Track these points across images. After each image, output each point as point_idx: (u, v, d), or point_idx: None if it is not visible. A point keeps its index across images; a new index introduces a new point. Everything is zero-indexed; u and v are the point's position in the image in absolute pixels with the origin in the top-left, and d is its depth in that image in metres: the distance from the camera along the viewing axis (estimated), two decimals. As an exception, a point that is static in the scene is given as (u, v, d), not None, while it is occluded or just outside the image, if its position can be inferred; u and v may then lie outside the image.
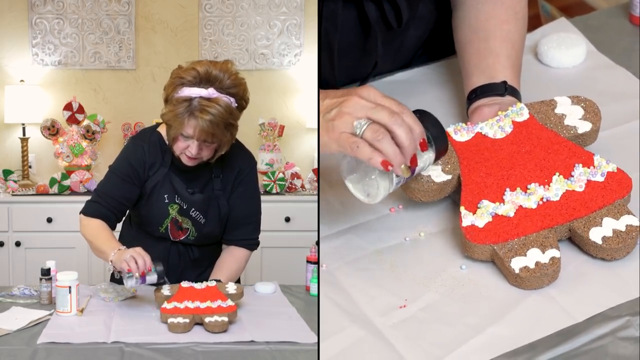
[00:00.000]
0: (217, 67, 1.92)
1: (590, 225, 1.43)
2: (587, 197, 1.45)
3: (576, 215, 1.44)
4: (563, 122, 1.59)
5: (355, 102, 1.32)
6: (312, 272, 2.15)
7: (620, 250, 1.40)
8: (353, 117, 1.31)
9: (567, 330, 1.31)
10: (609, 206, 1.44)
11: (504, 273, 1.41)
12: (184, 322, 1.76)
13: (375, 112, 1.31)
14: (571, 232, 1.45)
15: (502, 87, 1.63)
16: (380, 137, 1.30)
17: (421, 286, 1.41)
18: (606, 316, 1.33)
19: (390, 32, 1.79)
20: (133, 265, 1.83)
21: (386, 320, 1.36)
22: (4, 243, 3.49)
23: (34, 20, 3.82)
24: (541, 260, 1.38)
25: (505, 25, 1.68)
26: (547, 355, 1.28)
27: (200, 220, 2.07)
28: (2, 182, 3.65)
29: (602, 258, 1.42)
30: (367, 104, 1.32)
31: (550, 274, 1.38)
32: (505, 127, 1.57)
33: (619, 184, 1.47)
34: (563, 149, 1.53)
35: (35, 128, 3.72)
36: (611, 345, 1.29)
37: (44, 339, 1.68)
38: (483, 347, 1.30)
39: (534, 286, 1.38)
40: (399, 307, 1.38)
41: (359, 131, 1.31)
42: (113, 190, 2.06)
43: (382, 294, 1.41)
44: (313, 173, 3.81)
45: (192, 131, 1.91)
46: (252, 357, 1.64)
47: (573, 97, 1.62)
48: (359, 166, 1.38)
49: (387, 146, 1.30)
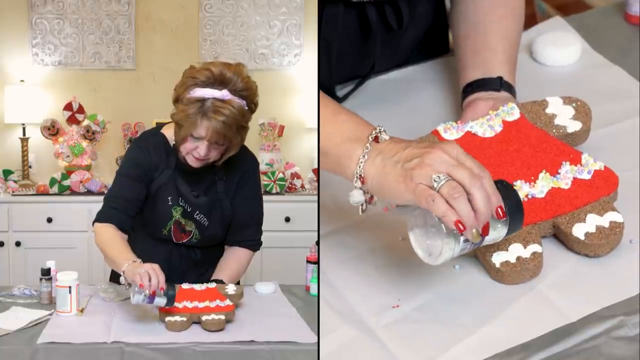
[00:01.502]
0: (231, 70, 1.91)
1: (574, 221, 1.43)
2: (572, 194, 1.46)
3: (560, 212, 1.45)
4: (553, 121, 1.60)
5: (438, 155, 1.26)
6: (312, 272, 2.14)
7: (603, 246, 1.41)
8: (433, 170, 1.25)
9: (560, 330, 1.32)
10: (593, 203, 1.45)
11: (486, 268, 1.42)
12: (182, 320, 1.76)
13: (457, 170, 1.25)
14: (555, 229, 1.46)
15: (497, 83, 1.64)
16: (457, 196, 1.24)
17: (414, 286, 1.41)
18: (600, 316, 1.33)
19: (389, 34, 1.80)
20: (146, 281, 1.74)
21: (379, 320, 1.36)
22: (4, 243, 3.50)
23: (34, 20, 3.82)
24: (522, 255, 1.39)
25: (502, 21, 1.69)
26: (540, 355, 1.28)
27: (203, 223, 2.07)
28: (2, 182, 3.65)
29: (586, 254, 1.42)
30: (450, 160, 1.26)
31: (531, 268, 1.38)
32: (495, 126, 1.57)
33: (605, 182, 1.48)
34: (551, 147, 1.54)
35: (36, 128, 3.73)
36: (605, 345, 1.29)
37: (44, 339, 1.68)
38: (476, 347, 1.30)
39: (515, 281, 1.39)
40: (393, 306, 1.38)
41: (436, 185, 1.24)
42: (126, 193, 2.02)
43: (375, 294, 1.41)
44: (313, 173, 3.81)
45: (204, 132, 1.90)
46: (252, 357, 1.64)
47: (565, 98, 1.63)
48: (427, 222, 1.31)
49: (463, 206, 1.24)
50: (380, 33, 1.78)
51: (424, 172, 1.26)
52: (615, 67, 1.85)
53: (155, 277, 1.75)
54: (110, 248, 1.93)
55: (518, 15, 1.72)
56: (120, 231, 1.97)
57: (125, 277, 1.81)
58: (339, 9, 1.72)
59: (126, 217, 2.00)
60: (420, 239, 1.32)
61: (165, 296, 1.76)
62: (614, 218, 1.43)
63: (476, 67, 1.68)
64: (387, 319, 1.36)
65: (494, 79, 1.65)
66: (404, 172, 1.27)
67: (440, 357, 1.29)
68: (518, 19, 1.72)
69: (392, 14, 1.77)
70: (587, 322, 1.32)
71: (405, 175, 1.27)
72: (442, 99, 1.82)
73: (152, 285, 1.74)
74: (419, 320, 1.36)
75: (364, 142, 1.33)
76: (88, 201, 3.51)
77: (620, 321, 1.32)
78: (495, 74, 1.65)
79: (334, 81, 1.83)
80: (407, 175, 1.27)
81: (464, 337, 1.32)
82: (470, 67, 1.69)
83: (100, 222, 2.00)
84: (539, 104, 1.63)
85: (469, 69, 1.69)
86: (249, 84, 1.94)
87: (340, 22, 1.73)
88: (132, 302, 1.76)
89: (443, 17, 1.97)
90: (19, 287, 2.06)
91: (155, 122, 3.31)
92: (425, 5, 1.86)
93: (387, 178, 1.29)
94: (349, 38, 1.78)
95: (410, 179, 1.26)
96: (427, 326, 1.34)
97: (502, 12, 1.70)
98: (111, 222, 1.98)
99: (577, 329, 1.31)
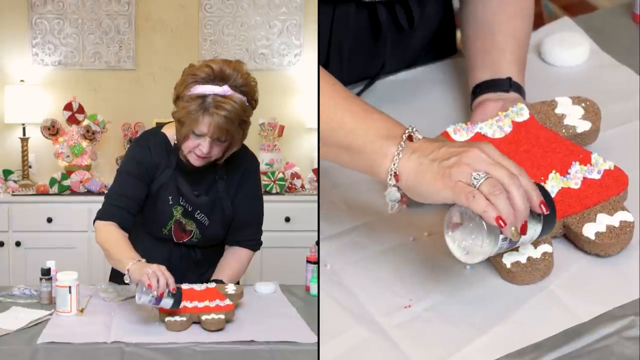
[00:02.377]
0: (230, 66, 1.91)
1: (584, 221, 1.43)
2: (582, 194, 1.46)
3: (570, 212, 1.44)
4: (562, 121, 1.59)
5: (476, 154, 1.27)
6: (312, 272, 2.14)
7: (613, 245, 1.41)
8: (472, 169, 1.26)
9: (572, 330, 1.31)
10: (603, 203, 1.45)
11: (497, 268, 1.41)
12: (181, 320, 1.76)
13: (495, 168, 1.26)
14: (565, 229, 1.45)
15: (506, 83, 1.63)
16: (497, 193, 1.24)
17: (426, 286, 1.41)
18: (611, 316, 1.33)
19: (399, 34, 1.79)
20: (154, 282, 1.73)
21: (391, 320, 1.36)
22: (4, 243, 3.49)
23: (34, 20, 3.81)
24: (533, 255, 1.39)
25: (512, 21, 1.68)
26: (552, 355, 1.27)
27: (204, 223, 2.07)
28: (2, 182, 3.65)
29: (597, 254, 1.42)
30: (488, 159, 1.27)
31: (542, 268, 1.38)
32: (504, 127, 1.57)
33: (615, 181, 1.47)
34: (561, 148, 1.54)
35: (36, 128, 3.72)
36: (617, 345, 1.28)
37: (44, 339, 1.67)
38: (488, 347, 1.30)
39: (526, 281, 1.38)
40: (404, 307, 1.38)
41: (476, 183, 1.25)
42: (127, 191, 2.01)
43: (386, 294, 1.40)
44: (313, 173, 3.81)
45: (206, 129, 1.89)
46: (251, 357, 1.64)
47: (574, 98, 1.63)
48: (463, 220, 1.31)
49: (503, 203, 1.24)
50: (391, 33, 1.77)
51: (462, 170, 1.26)
52: (623, 67, 1.85)
53: (164, 279, 1.74)
54: (114, 246, 1.92)
55: (527, 16, 1.72)
56: (121, 229, 1.96)
57: (129, 276, 1.80)
58: (351, 9, 1.72)
59: (128, 215, 1.99)
60: (457, 239, 1.32)
61: (173, 298, 1.75)
62: (624, 217, 1.42)
63: (485, 68, 1.68)
64: (399, 319, 1.36)
65: (503, 79, 1.64)
66: (441, 170, 1.27)
67: (452, 357, 1.29)
68: (527, 19, 1.72)
69: (403, 14, 1.77)
70: (598, 322, 1.32)
71: (444, 173, 1.27)
72: (451, 99, 1.81)
73: (160, 286, 1.73)
74: (431, 320, 1.35)
75: (398, 140, 1.33)
76: (88, 201, 3.51)
77: (632, 321, 1.31)
78: (504, 74, 1.65)
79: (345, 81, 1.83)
80: (446, 174, 1.26)
81: (475, 337, 1.31)
82: (479, 68, 1.69)
83: (101, 220, 1.99)
84: (548, 104, 1.62)
85: (478, 70, 1.69)
86: (249, 80, 1.94)
87: (351, 22, 1.73)
88: (138, 303, 1.74)
89: (451, 17, 1.96)
90: (19, 287, 2.06)
91: (155, 122, 3.30)
92: (433, 4, 1.86)
93: (423, 176, 1.29)
94: (360, 38, 1.77)
95: (449, 177, 1.26)
96: (438, 326, 1.34)
97: (511, 12, 1.70)
98: (113, 220, 1.97)
99: (588, 329, 1.31)
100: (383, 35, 1.77)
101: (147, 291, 1.72)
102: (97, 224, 1.99)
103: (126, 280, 1.82)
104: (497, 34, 1.68)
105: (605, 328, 1.31)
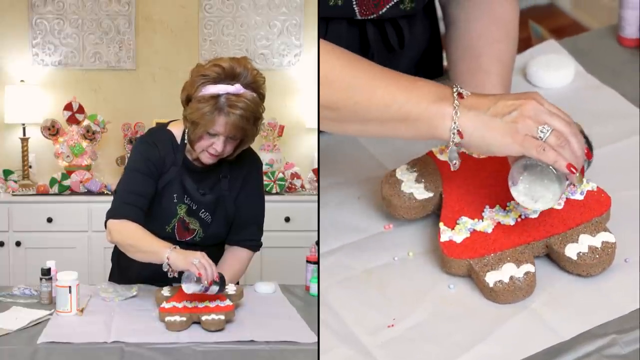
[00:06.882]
0: (240, 64, 1.92)
1: (567, 241, 1.44)
2: (565, 215, 1.47)
3: (553, 232, 1.46)
4: None
5: (534, 106, 1.36)
6: (312, 272, 2.14)
7: (595, 266, 1.42)
8: (535, 122, 1.35)
9: (553, 349, 1.32)
10: (586, 223, 1.46)
11: (479, 287, 1.42)
12: (181, 320, 1.77)
13: (554, 119, 1.36)
14: (548, 249, 1.46)
15: None
16: (564, 144, 1.35)
17: (409, 305, 1.41)
18: (592, 334, 1.33)
19: (387, 54, 1.79)
20: (204, 272, 1.78)
21: (374, 340, 1.36)
22: (4, 243, 3.49)
23: (34, 20, 3.82)
24: (515, 274, 1.40)
25: (496, 44, 1.68)
26: (533, 373, 1.28)
27: (207, 221, 2.07)
28: (2, 182, 3.65)
29: (579, 274, 1.43)
30: (545, 110, 1.36)
31: (524, 287, 1.39)
32: None
33: (598, 202, 1.48)
34: None
35: (36, 128, 3.72)
36: (597, 364, 1.29)
37: (44, 339, 1.68)
38: (471, 365, 1.30)
39: (509, 300, 1.39)
40: (387, 326, 1.38)
41: (543, 136, 1.34)
42: (137, 188, 2.01)
43: (370, 314, 1.41)
44: (313, 173, 3.82)
45: (221, 128, 1.90)
46: (252, 356, 1.64)
47: None
48: (531, 171, 1.40)
49: (569, 153, 1.35)
50: (378, 53, 1.78)
51: (527, 124, 1.35)
52: (608, 88, 1.86)
53: (210, 267, 1.79)
54: (140, 239, 1.93)
55: (512, 38, 1.72)
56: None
57: (170, 264, 1.83)
58: (342, 27, 1.73)
59: (140, 212, 1.99)
60: (524, 189, 1.40)
61: (218, 285, 1.81)
62: (606, 238, 1.43)
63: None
64: (383, 338, 1.36)
65: None
66: (507, 126, 1.35)
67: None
68: (512, 42, 1.72)
69: (394, 34, 1.78)
70: (579, 341, 1.33)
71: (510, 128, 1.35)
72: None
73: (209, 275, 1.78)
74: (414, 339, 1.35)
75: (451, 100, 1.38)
76: (88, 201, 3.52)
77: (612, 339, 1.32)
78: None
79: None
80: (512, 129, 1.35)
81: (458, 355, 1.32)
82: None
83: (115, 219, 1.98)
84: None
85: None
86: (257, 76, 1.95)
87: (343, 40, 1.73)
88: (187, 292, 1.79)
89: (438, 39, 1.97)
90: (19, 287, 2.06)
91: (155, 122, 3.31)
92: (421, 26, 1.87)
93: (490, 132, 1.36)
94: None
95: (516, 132, 1.35)
96: (422, 345, 1.34)
97: (497, 35, 1.70)
98: (128, 217, 1.97)
99: (570, 347, 1.32)
100: (370, 54, 1.77)
101: (197, 281, 1.77)
102: (111, 223, 1.98)
103: (165, 269, 1.83)
104: (482, 56, 1.67)
105: (586, 346, 1.31)
